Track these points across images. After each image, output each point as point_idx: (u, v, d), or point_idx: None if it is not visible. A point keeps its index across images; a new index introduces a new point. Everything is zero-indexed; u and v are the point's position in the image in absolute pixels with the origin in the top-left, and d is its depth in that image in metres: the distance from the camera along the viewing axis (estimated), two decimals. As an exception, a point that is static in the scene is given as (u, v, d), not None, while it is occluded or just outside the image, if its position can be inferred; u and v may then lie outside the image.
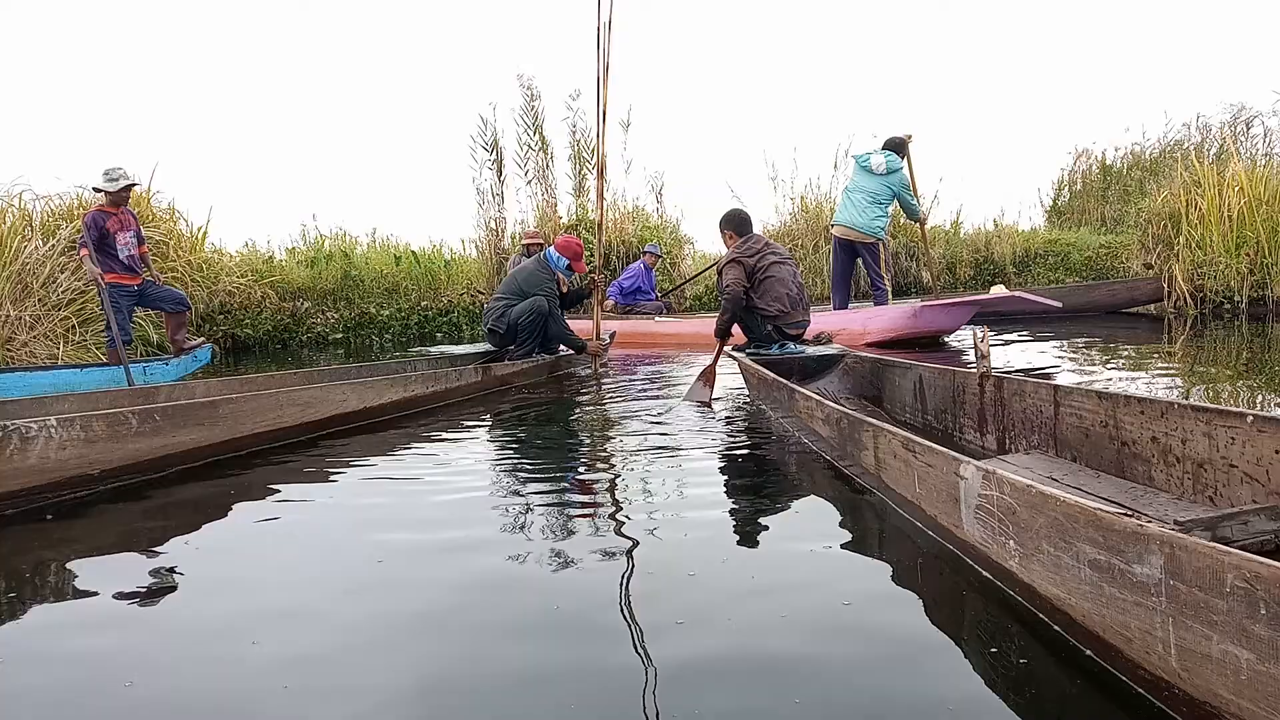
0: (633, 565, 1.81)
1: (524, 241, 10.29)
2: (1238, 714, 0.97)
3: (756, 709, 1.19)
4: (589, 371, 5.95)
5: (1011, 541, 1.40)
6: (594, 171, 12.36)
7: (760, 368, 3.87)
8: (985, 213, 17.49)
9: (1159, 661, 1.08)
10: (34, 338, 7.31)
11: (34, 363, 6.95)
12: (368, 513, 2.43)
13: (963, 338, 7.25)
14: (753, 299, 4.48)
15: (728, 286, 4.48)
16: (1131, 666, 1.14)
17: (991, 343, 2.73)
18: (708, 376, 4.50)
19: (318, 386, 3.80)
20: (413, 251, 12.77)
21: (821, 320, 7.25)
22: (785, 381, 3.38)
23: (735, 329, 4.66)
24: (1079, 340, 6.69)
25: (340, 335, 11.18)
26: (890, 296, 8.03)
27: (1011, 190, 29.88)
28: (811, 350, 4.47)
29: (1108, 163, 15.39)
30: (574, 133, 12.68)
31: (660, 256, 11.02)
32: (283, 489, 2.73)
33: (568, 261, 5.91)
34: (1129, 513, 1.17)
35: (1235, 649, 0.96)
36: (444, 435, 3.67)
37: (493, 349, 6.08)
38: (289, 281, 11.26)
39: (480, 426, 3.91)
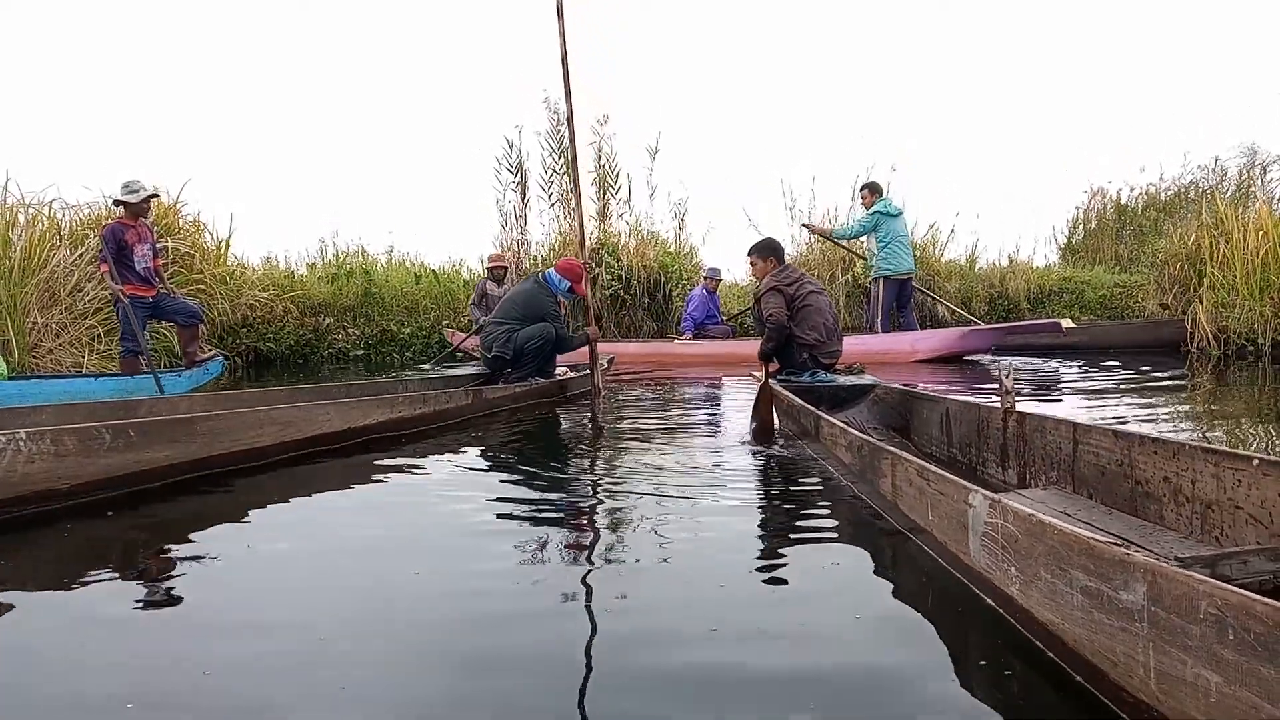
0: (639, 579, 1.94)
1: (490, 265, 10.57)
2: (1210, 735, 1.07)
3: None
4: (588, 391, 5.95)
5: (1013, 568, 1.51)
6: (616, 195, 12.67)
7: (790, 394, 4.00)
8: (1001, 248, 17.70)
9: (1140, 685, 1.18)
10: (60, 345, 7.62)
11: (59, 370, 7.24)
12: (344, 539, 2.43)
13: (994, 363, 8.20)
14: (791, 327, 4.61)
15: (771, 315, 4.62)
16: (1115, 690, 1.24)
17: (1016, 378, 2.83)
18: (764, 407, 4.44)
19: (298, 406, 3.80)
20: (433, 270, 13.08)
21: (870, 342, 8.86)
22: (812, 408, 3.50)
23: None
24: (1101, 377, 6.85)
25: (361, 351, 11.45)
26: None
27: (1027, 227, 30.64)
28: (843, 379, 4.59)
29: (1122, 202, 15.79)
30: (599, 156, 13.00)
31: (720, 280, 11.25)
32: (256, 511, 2.75)
33: (569, 284, 5.92)
34: (1120, 543, 1.28)
35: (1207, 673, 1.06)
36: (431, 459, 3.66)
37: (488, 371, 6.08)
38: (310, 297, 11.58)
39: (472, 449, 3.93)
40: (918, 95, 28.15)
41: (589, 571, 2.03)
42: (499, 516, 2.62)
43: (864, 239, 9.81)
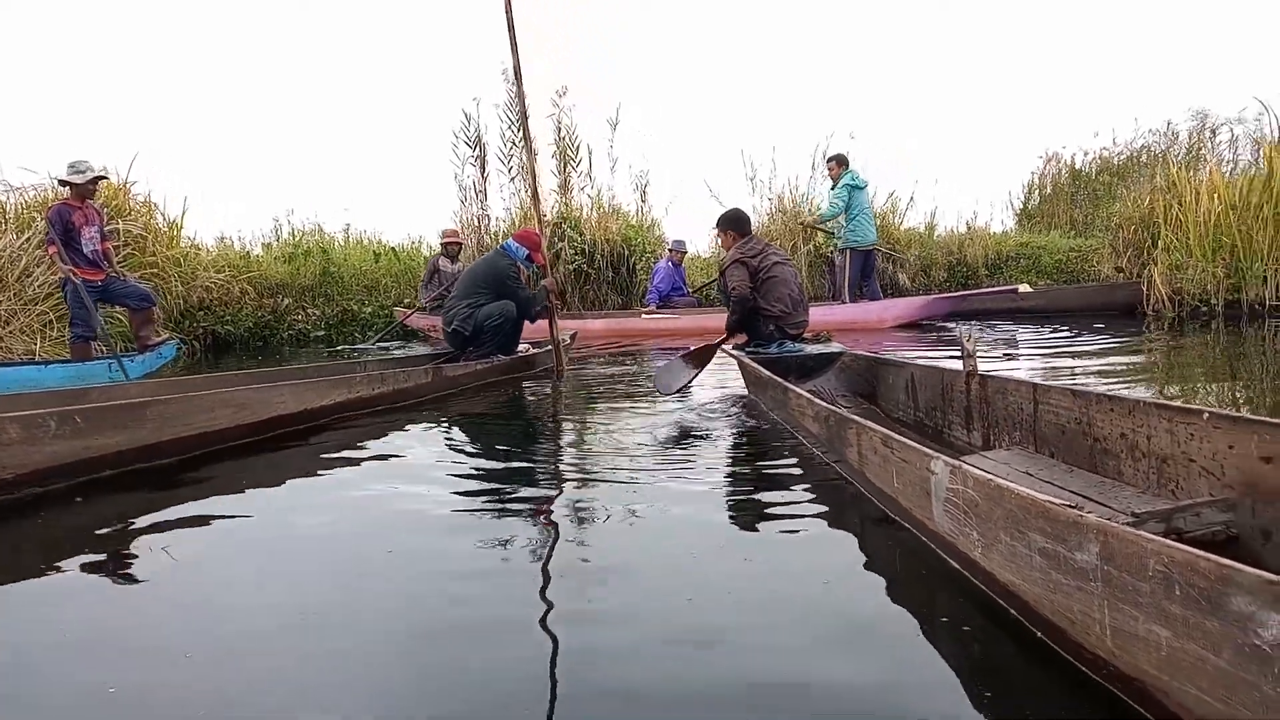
0: (609, 555, 1.98)
1: (443, 241, 10.56)
2: (1161, 688, 1.13)
3: (727, 685, 1.35)
4: (550, 368, 5.92)
5: (975, 532, 1.56)
6: (576, 168, 12.61)
7: (758, 366, 4.04)
8: (958, 215, 17.95)
9: (1097, 641, 1.24)
10: (9, 333, 7.45)
11: (8, 358, 7.10)
12: (305, 524, 2.41)
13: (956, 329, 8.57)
14: (756, 299, 4.64)
15: (734, 289, 4.70)
16: (1075, 647, 1.30)
17: (981, 343, 2.89)
18: (698, 357, 4.65)
19: (253, 388, 3.76)
20: (392, 248, 12.96)
21: (839, 311, 9.22)
22: (780, 379, 3.53)
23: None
24: (1060, 340, 7.07)
25: (322, 332, 11.34)
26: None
27: (983, 193, 31.04)
28: (810, 349, 4.65)
29: (1076, 167, 16.11)
30: (559, 129, 12.90)
31: (685, 252, 11.29)
32: (214, 497, 2.73)
33: (527, 252, 5.95)
34: (1076, 505, 1.33)
35: (1157, 628, 1.11)
36: (391, 439, 3.67)
37: (450, 350, 6.05)
38: (267, 277, 11.43)
39: (433, 429, 3.89)
40: (873, 63, 28.31)
41: (557, 550, 2.06)
42: (461, 497, 2.62)
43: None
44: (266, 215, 19.26)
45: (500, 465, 3.13)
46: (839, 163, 9.70)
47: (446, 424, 4.05)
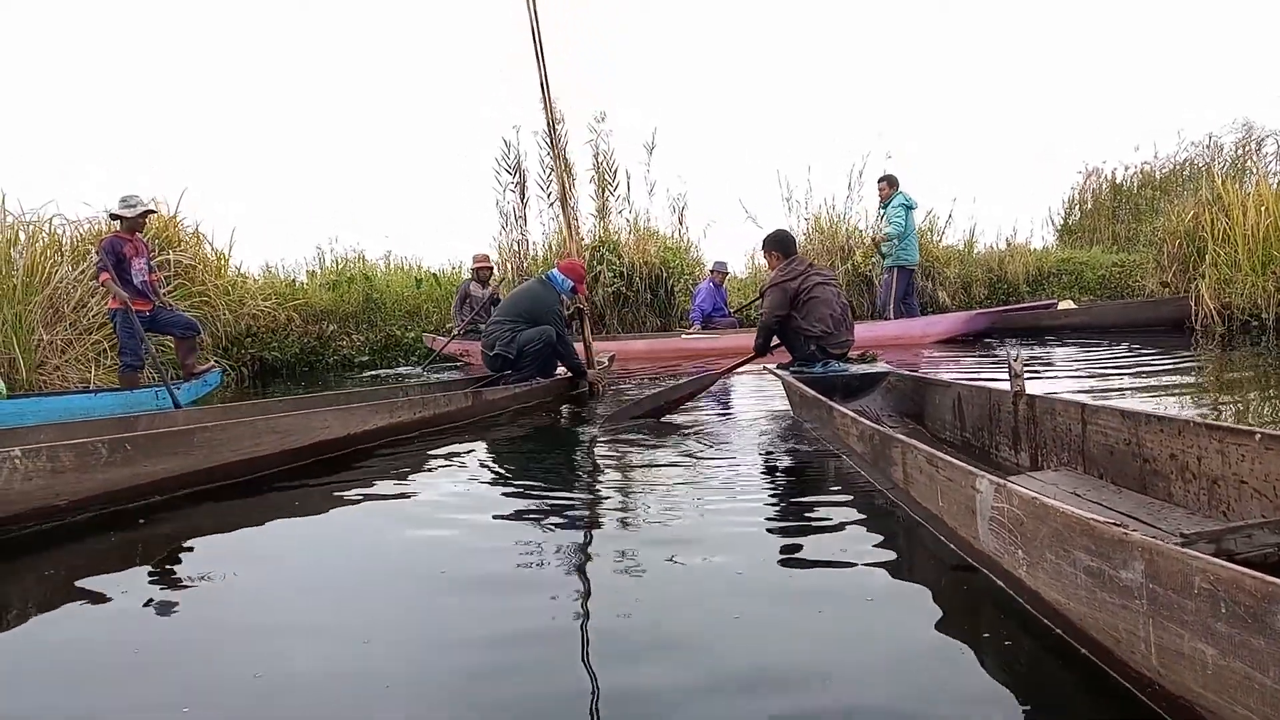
0: (652, 572, 2.03)
1: (475, 266, 10.72)
2: (1206, 706, 1.14)
3: (772, 709, 1.38)
4: (586, 390, 6.05)
5: (1020, 551, 1.58)
6: (614, 192, 12.79)
7: (801, 385, 4.08)
8: (998, 231, 17.79)
9: (1142, 660, 1.25)
10: (65, 361, 7.71)
11: (66, 387, 7.34)
12: (355, 547, 2.48)
13: (1002, 347, 8.67)
14: (797, 320, 4.71)
15: (763, 314, 4.84)
16: (1121, 665, 1.31)
17: (1025, 362, 2.90)
18: (706, 381, 4.93)
19: (298, 414, 3.84)
20: (433, 274, 13.20)
21: (883, 328, 9.49)
22: (824, 399, 3.57)
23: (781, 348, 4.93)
24: (1106, 357, 7.01)
25: (366, 358, 11.57)
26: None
27: (1023, 209, 30.86)
28: (855, 369, 4.67)
29: (1118, 181, 15.89)
30: (596, 154, 13.11)
31: (726, 273, 11.43)
32: (265, 521, 2.80)
33: (572, 284, 6.04)
34: (1121, 523, 1.35)
35: (1203, 646, 1.13)
36: (434, 463, 3.73)
37: (490, 373, 6.10)
38: (312, 305, 11.72)
39: (474, 454, 3.95)
40: (909, 79, 28.20)
41: (598, 578, 2.10)
42: (502, 527, 2.65)
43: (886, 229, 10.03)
44: (310, 243, 19.70)
45: (540, 491, 3.19)
46: (890, 184, 9.88)
47: (487, 449, 4.13)
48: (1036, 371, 5.98)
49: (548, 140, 5.79)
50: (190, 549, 2.52)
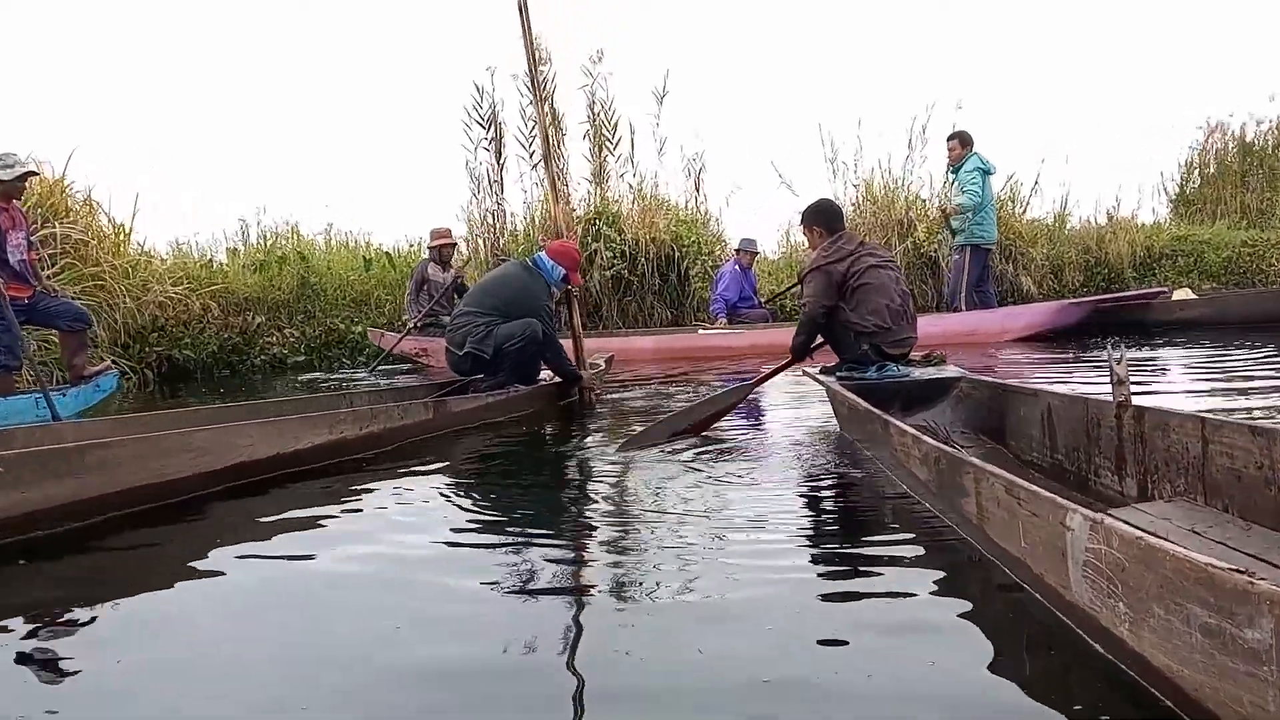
0: (668, 631, 2.05)
1: (434, 243, 10.76)
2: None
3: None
4: (576, 399, 6.12)
5: (1121, 604, 1.60)
6: (614, 151, 12.76)
7: (851, 395, 4.08)
8: (1097, 202, 17.73)
9: (1271, 738, 1.27)
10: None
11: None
12: (271, 616, 2.40)
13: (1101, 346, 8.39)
14: (845, 312, 4.72)
15: (805, 304, 4.81)
16: (1246, 745, 1.33)
17: (1131, 365, 2.92)
18: (740, 392, 4.87)
19: (216, 428, 3.87)
20: (386, 253, 13.25)
21: (952, 322, 9.56)
22: (878, 412, 3.57)
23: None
24: (1233, 360, 7.00)
25: (303, 358, 11.61)
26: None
27: (1129, 174, 30.28)
28: (919, 373, 4.67)
29: (1248, 140, 15.81)
30: (592, 103, 13.13)
31: (756, 253, 11.50)
32: (162, 571, 2.77)
33: (564, 272, 6.04)
34: (1246, 571, 1.37)
35: (1348, 722, 1.15)
36: (386, 494, 3.73)
37: (457, 377, 6.17)
38: (234, 291, 11.78)
39: (437, 480, 3.96)
40: (984, 13, 27.98)
41: (594, 649, 2.10)
42: (470, 577, 2.59)
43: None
44: (231, 215, 19.73)
45: (522, 531, 3.15)
46: (963, 142, 9.84)
47: (453, 476, 4.15)
48: (1145, 378, 5.99)
49: (529, 84, 5.81)
50: (67, 604, 2.48)
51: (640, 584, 2.41)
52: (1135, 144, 26.76)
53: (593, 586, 2.45)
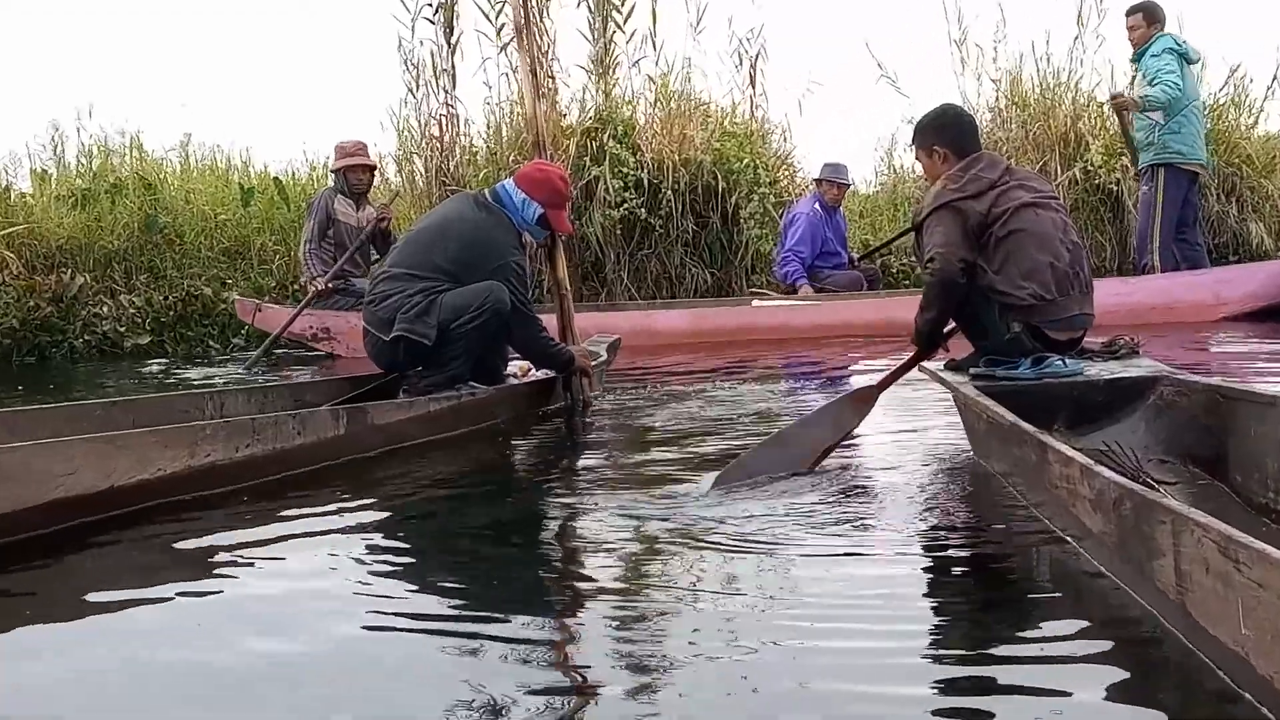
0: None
1: (341, 164, 10.57)
2: None
3: None
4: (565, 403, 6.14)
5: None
6: (625, 26, 12.60)
7: (992, 404, 4.07)
8: None
9: None
10: None
11: None
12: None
13: None
14: (985, 275, 4.65)
15: (932, 261, 4.70)
16: None
17: None
18: (859, 401, 4.84)
19: (18, 447, 3.81)
20: (276, 179, 13.23)
21: (1141, 287, 9.47)
22: (1032, 430, 3.61)
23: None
24: None
25: (148, 338, 11.62)
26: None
27: None
28: (1095, 370, 4.69)
29: None
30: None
31: (847, 185, 11.58)
32: None
33: (540, 210, 5.91)
34: None
35: None
36: (272, 548, 3.70)
37: (379, 371, 6.16)
38: (43, 236, 11.79)
39: (351, 532, 3.96)
40: None
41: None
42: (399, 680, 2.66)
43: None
44: (39, 118, 19.57)
45: (490, 621, 2.95)
46: (1148, 17, 9.82)
47: (370, 530, 4.04)
48: None
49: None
50: None
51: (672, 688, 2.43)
52: None
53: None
